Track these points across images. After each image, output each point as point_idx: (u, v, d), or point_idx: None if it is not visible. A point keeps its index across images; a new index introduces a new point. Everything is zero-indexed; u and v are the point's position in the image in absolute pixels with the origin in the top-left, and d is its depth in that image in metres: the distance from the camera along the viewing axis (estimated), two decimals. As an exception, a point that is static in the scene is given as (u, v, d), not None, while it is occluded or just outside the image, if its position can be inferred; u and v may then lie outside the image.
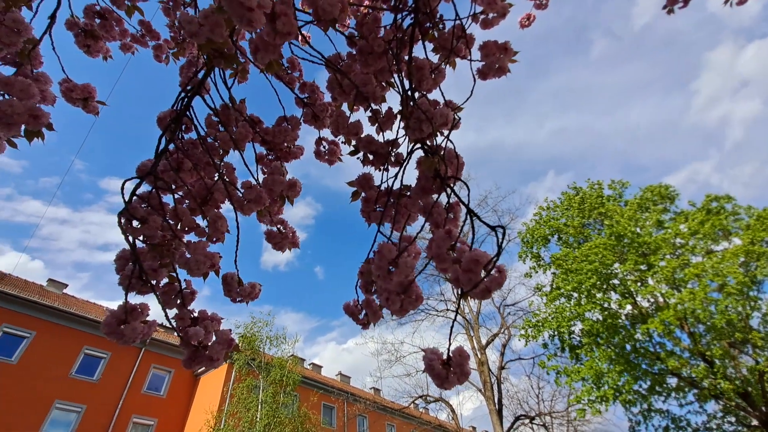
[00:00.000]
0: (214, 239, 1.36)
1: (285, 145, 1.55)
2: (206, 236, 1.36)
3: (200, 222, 1.38)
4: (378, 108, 1.38)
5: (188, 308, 1.21)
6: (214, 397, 15.45)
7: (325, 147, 1.58)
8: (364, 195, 1.29)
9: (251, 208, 1.37)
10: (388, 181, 1.28)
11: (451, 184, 1.05)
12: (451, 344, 0.90)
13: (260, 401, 13.74)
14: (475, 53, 1.31)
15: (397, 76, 1.31)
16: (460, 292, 0.87)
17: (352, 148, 1.40)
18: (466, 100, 1.31)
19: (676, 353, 10.48)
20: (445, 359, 0.87)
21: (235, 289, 1.31)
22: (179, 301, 1.21)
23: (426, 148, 1.13)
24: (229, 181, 1.48)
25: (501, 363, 15.06)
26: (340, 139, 1.46)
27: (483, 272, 0.82)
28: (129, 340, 1.03)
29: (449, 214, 1.07)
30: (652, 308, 11.26)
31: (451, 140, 1.12)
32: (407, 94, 1.22)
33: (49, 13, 1.46)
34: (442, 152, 1.09)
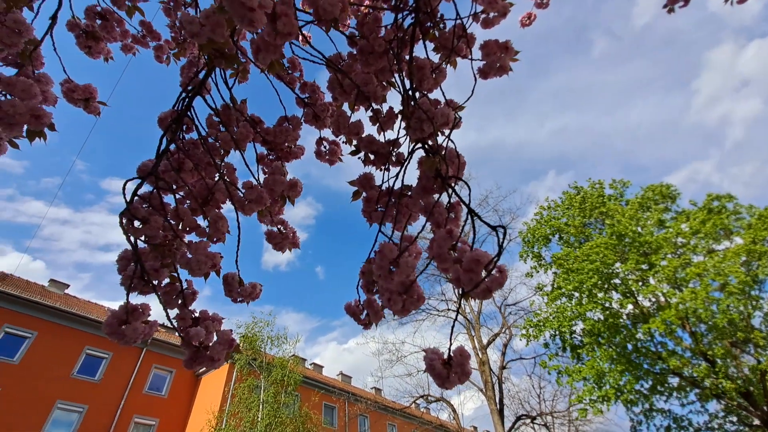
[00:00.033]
0: (215, 239, 1.36)
1: (286, 145, 1.55)
2: (207, 236, 1.36)
3: (201, 222, 1.38)
4: (379, 108, 1.38)
5: (189, 308, 1.21)
6: (216, 397, 15.47)
7: (325, 147, 1.58)
8: (365, 195, 1.29)
9: (252, 208, 1.37)
10: (389, 180, 1.28)
11: (452, 184, 1.05)
12: (452, 344, 0.90)
13: (261, 401, 13.76)
14: (476, 52, 1.31)
15: (398, 76, 1.31)
16: (461, 292, 0.87)
17: (353, 148, 1.39)
18: (467, 99, 1.31)
19: (678, 353, 10.47)
20: (446, 359, 0.87)
21: (236, 289, 1.32)
22: (180, 302, 1.21)
23: (427, 148, 1.13)
24: (230, 181, 1.48)
25: (502, 363, 15.04)
26: (341, 139, 1.45)
27: (484, 272, 0.81)
28: (130, 341, 1.03)
29: (450, 214, 1.07)
30: (654, 308, 11.24)
31: (452, 140, 1.12)
32: (408, 93, 1.22)
33: (50, 14, 1.46)
34: (443, 152, 1.09)
